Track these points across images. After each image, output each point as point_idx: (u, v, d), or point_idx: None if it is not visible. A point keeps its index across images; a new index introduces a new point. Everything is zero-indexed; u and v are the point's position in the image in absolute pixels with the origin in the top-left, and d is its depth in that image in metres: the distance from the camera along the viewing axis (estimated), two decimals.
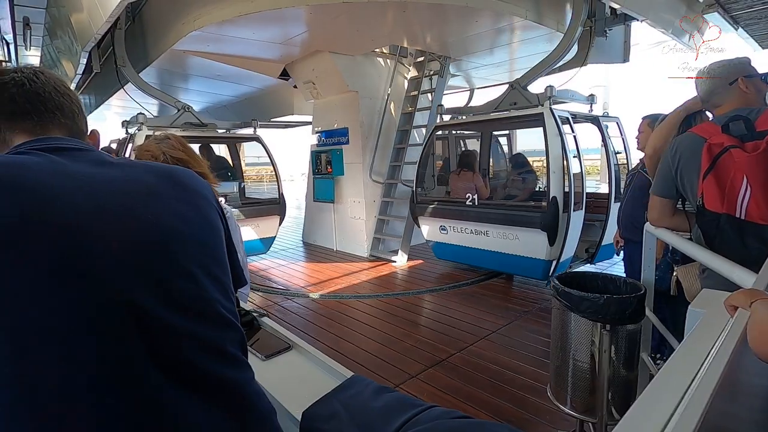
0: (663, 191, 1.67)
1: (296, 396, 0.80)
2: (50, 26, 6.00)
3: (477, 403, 2.37)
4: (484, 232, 4.48)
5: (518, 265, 4.29)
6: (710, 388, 0.51)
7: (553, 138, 3.88)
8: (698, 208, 1.52)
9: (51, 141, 0.67)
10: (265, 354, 0.96)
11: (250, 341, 1.05)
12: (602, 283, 1.97)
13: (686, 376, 0.60)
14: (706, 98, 1.65)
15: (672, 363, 0.70)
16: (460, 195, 4.84)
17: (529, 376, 2.63)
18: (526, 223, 4.08)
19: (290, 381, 0.86)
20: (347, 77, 5.50)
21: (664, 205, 1.68)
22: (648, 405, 0.56)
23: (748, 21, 5.53)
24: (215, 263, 0.69)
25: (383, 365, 2.87)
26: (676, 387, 0.59)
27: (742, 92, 1.55)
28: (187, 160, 1.47)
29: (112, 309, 0.54)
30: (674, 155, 1.59)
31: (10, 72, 0.70)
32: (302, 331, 3.51)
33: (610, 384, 1.71)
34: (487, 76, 7.26)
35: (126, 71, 4.95)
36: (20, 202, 0.52)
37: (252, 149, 6.42)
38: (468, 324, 3.54)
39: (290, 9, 3.84)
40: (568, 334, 1.81)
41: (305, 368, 0.91)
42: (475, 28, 4.62)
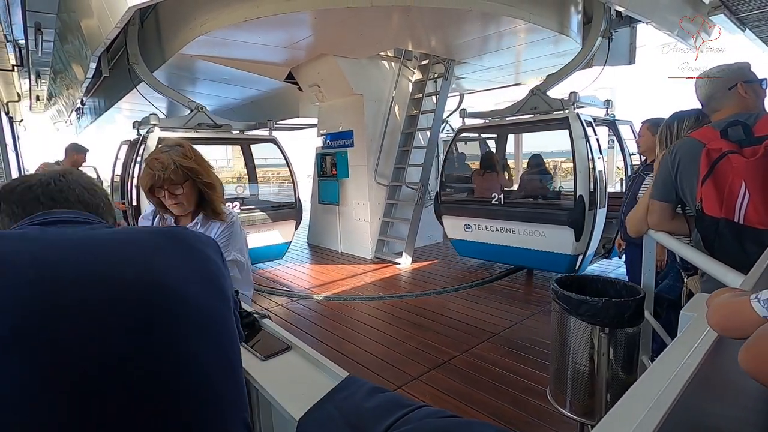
0: (662, 195, 1.67)
1: (293, 395, 0.82)
2: (61, 31, 6.10)
3: (478, 406, 2.39)
4: (509, 229, 4.68)
5: (544, 260, 4.47)
6: (680, 385, 0.53)
7: (579, 140, 4.10)
8: (697, 213, 1.53)
9: (50, 216, 0.70)
10: (265, 354, 0.99)
11: (251, 342, 1.08)
12: (601, 286, 1.98)
13: (667, 375, 0.62)
14: (705, 102, 1.66)
15: (657, 364, 0.72)
16: (485, 195, 5.05)
17: (531, 378, 2.64)
18: (552, 221, 4.29)
19: (288, 381, 0.89)
20: (352, 80, 5.54)
21: (664, 210, 1.69)
22: (627, 405, 0.58)
23: (756, 23, 5.50)
24: (215, 333, 0.66)
25: (385, 367, 2.89)
26: (655, 386, 0.61)
27: (741, 97, 1.55)
28: (198, 170, 1.50)
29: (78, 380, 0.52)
30: (674, 160, 1.59)
31: (38, 176, 0.76)
32: (306, 333, 3.54)
33: (609, 387, 1.72)
34: (492, 79, 7.27)
35: (139, 69, 4.88)
36: None
37: (258, 150, 6.38)
38: (471, 326, 3.56)
39: (295, 14, 3.89)
40: (567, 337, 1.83)
41: (303, 368, 0.94)
42: (479, 31, 4.64)
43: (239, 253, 1.63)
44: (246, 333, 1.15)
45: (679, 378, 0.55)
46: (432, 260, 5.81)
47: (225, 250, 1.57)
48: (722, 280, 1.13)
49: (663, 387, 0.56)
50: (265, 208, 5.41)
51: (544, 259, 4.46)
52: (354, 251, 6.23)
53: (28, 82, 9.03)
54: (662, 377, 0.61)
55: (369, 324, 3.70)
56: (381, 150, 5.90)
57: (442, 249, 6.54)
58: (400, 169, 5.95)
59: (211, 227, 1.59)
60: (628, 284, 1.90)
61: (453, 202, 5.40)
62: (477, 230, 4.98)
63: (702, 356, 0.65)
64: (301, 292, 4.62)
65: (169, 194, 1.48)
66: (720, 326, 0.69)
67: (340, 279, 5.07)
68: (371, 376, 2.76)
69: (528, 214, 4.55)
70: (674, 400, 0.50)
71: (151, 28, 5.27)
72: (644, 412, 0.51)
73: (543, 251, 4.42)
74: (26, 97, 10.49)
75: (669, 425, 0.50)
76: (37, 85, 9.46)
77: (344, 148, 6.10)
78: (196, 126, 4.86)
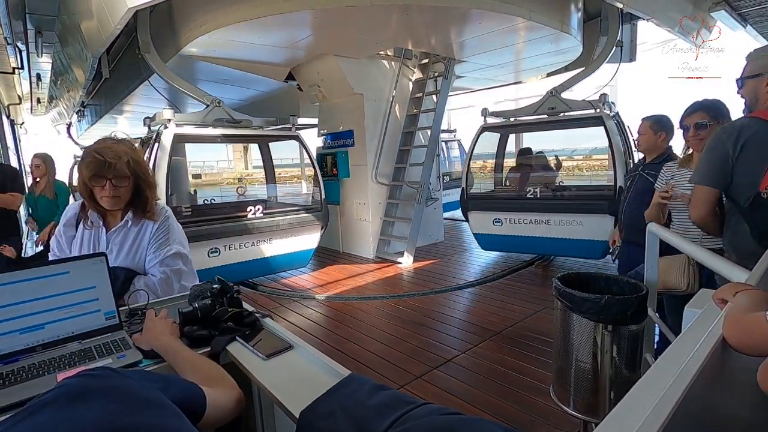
0: (714, 180, 1.56)
1: (295, 394, 0.82)
2: (61, 33, 6.11)
3: (481, 405, 2.38)
4: (545, 221, 4.92)
5: (579, 247, 4.77)
6: (687, 380, 0.52)
7: (615, 136, 4.54)
8: (758, 202, 1.43)
9: None
10: (267, 353, 0.99)
11: (253, 341, 1.07)
12: (605, 283, 1.97)
13: (672, 372, 0.61)
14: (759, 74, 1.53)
15: (661, 361, 0.71)
16: (520, 189, 5.33)
17: (534, 376, 2.63)
18: (592, 210, 4.61)
19: (290, 379, 0.89)
20: (352, 80, 5.54)
21: (713, 197, 1.60)
22: (632, 403, 0.57)
23: (757, 18, 5.48)
24: None
25: (387, 366, 2.88)
26: (660, 383, 0.60)
27: None
28: (145, 167, 1.52)
29: None
30: (736, 141, 1.48)
31: None
32: (308, 332, 3.54)
33: (612, 384, 1.71)
34: (492, 77, 7.26)
35: (150, 58, 4.48)
36: None
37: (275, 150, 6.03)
38: (473, 324, 3.55)
39: (295, 13, 3.88)
40: (570, 334, 1.82)
41: (305, 367, 0.93)
42: (479, 30, 4.63)
43: (180, 245, 1.61)
44: (247, 332, 1.15)
45: (684, 374, 0.54)
46: (434, 259, 5.81)
47: (165, 245, 1.56)
48: (728, 276, 1.12)
49: (668, 384, 0.56)
50: (290, 212, 5.02)
51: (580, 247, 4.75)
52: (355, 251, 6.23)
53: (28, 84, 9.06)
54: (667, 374, 0.60)
55: (371, 323, 3.70)
56: (381, 149, 5.89)
57: (443, 248, 6.53)
58: (400, 169, 5.95)
59: (144, 225, 1.57)
60: (630, 281, 1.89)
61: (482, 198, 5.56)
62: (508, 224, 5.15)
63: (707, 352, 0.64)
64: (303, 292, 4.62)
65: (111, 186, 1.44)
66: (739, 344, 0.68)
67: (342, 279, 5.06)
68: (373, 375, 2.76)
69: (567, 205, 4.84)
70: (680, 396, 0.50)
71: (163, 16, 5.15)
72: (649, 410, 0.50)
73: (579, 239, 4.71)
74: (27, 99, 10.52)
75: (675, 422, 0.49)
76: (38, 88, 9.48)
77: (345, 148, 6.10)
78: (213, 122, 4.51)
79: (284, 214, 4.93)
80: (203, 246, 4.31)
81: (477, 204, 5.38)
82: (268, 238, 4.79)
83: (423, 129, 5.95)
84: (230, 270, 4.45)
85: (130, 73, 6.52)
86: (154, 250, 1.56)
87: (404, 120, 6.07)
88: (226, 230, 4.49)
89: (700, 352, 0.61)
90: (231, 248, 4.55)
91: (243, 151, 13.20)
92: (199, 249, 4.22)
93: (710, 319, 0.83)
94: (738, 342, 0.67)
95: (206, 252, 4.37)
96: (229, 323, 1.12)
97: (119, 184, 1.46)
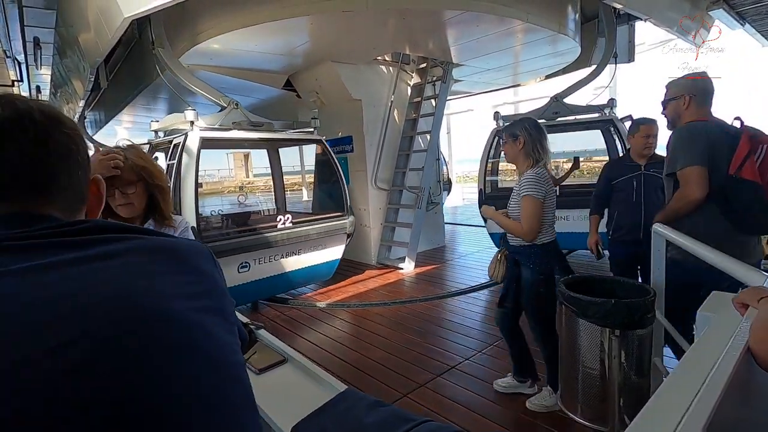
0: (705, 160, 1.79)
1: (287, 411, 0.78)
2: (59, 46, 6.13)
3: (488, 413, 2.32)
4: (563, 217, 5.03)
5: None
6: (717, 392, 0.48)
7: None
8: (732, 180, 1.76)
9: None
10: (259, 368, 0.95)
11: (246, 355, 1.03)
12: (610, 286, 1.92)
13: (695, 381, 0.57)
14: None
15: (679, 369, 0.67)
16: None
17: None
18: None
19: (282, 395, 0.84)
20: (350, 86, 5.52)
21: (706, 174, 1.80)
22: (655, 413, 0.54)
23: (755, 17, 5.46)
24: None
25: (390, 374, 2.83)
26: (683, 394, 0.56)
27: None
28: (151, 171, 1.46)
29: None
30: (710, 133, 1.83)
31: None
32: (308, 341, 3.49)
33: (621, 391, 1.66)
34: (491, 81, 7.25)
35: (164, 54, 4.13)
36: None
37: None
38: (476, 330, 3.50)
39: (292, 20, 3.87)
40: (576, 340, 1.77)
41: (299, 382, 0.89)
42: (476, 33, 4.62)
43: None
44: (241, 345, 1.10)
45: (712, 387, 0.50)
46: (436, 264, 5.76)
47: None
48: (742, 280, 1.07)
49: (693, 397, 0.51)
50: (319, 220, 4.64)
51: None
52: (356, 257, 6.17)
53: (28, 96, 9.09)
54: (691, 386, 0.56)
55: (373, 331, 3.64)
56: (381, 154, 5.86)
57: (445, 252, 6.48)
58: (400, 173, 5.91)
59: (168, 233, 1.54)
60: (637, 284, 1.85)
61: (501, 198, 5.55)
62: None
63: (735, 361, 0.60)
64: (303, 300, 4.57)
65: (120, 194, 1.42)
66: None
67: (343, 285, 5.01)
68: (375, 384, 2.70)
69: (584, 200, 5.04)
70: (711, 411, 0.45)
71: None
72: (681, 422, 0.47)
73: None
74: None
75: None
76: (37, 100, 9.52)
77: (344, 154, 6.07)
78: (232, 124, 4.16)
79: (314, 223, 4.58)
80: (233, 261, 3.91)
81: (496, 204, 5.41)
82: (298, 249, 4.42)
83: (422, 133, 5.92)
84: (260, 286, 4.18)
85: (129, 83, 6.54)
86: None
87: (403, 125, 6.05)
88: (257, 243, 4.08)
89: (725, 363, 0.56)
90: (261, 262, 4.16)
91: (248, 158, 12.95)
92: (229, 265, 3.87)
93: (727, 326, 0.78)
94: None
95: (236, 268, 3.98)
96: None
97: (127, 191, 1.43)
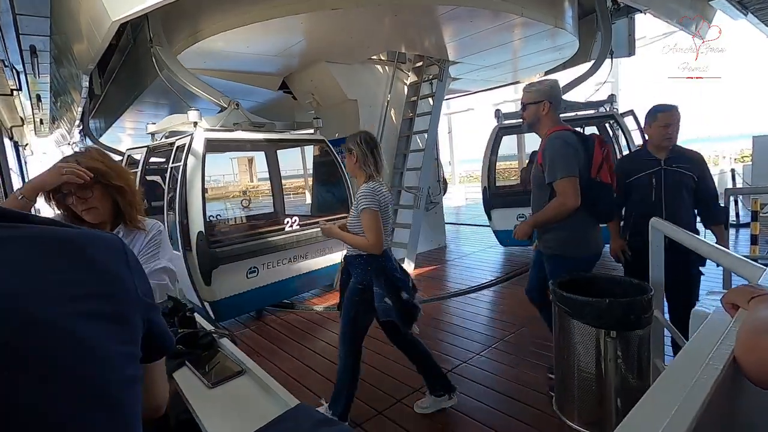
0: (576, 170, 2.00)
1: (234, 427, 0.71)
2: (56, 54, 6.13)
3: (482, 418, 2.24)
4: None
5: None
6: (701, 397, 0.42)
7: (633, 132, 5.43)
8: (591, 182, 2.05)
9: None
10: (213, 381, 0.88)
11: (204, 366, 0.97)
12: (607, 285, 1.84)
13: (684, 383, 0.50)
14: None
15: (670, 370, 0.60)
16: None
17: (539, 387, 2.48)
18: None
19: (232, 411, 0.78)
20: (345, 86, 5.47)
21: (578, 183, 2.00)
22: (644, 414, 0.49)
23: (758, 6, 5.33)
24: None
25: (384, 379, 2.75)
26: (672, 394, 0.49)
27: None
28: (106, 172, 1.39)
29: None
30: (575, 144, 2.07)
31: None
32: (304, 346, 3.42)
33: (618, 394, 1.57)
34: (489, 78, 7.16)
35: (162, 52, 4.00)
36: None
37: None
38: (474, 332, 3.41)
39: (285, 19, 3.82)
40: (571, 342, 1.68)
41: (251, 396, 0.83)
42: (471, 28, 4.54)
43: (169, 261, 1.52)
44: (204, 354, 1.04)
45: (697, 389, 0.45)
46: (435, 265, 5.67)
47: (154, 258, 1.47)
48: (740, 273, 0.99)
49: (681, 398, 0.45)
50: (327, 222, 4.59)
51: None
52: None
53: (29, 105, 9.13)
54: (678, 386, 0.49)
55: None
56: None
57: (446, 253, 6.39)
58: (398, 174, 5.84)
59: (136, 238, 1.49)
60: (635, 282, 1.76)
61: (506, 195, 5.88)
62: None
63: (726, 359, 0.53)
64: (300, 305, 4.50)
65: (78, 199, 1.36)
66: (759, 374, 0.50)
67: None
68: (368, 389, 2.63)
69: None
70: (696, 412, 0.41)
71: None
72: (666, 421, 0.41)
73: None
74: (30, 121, 10.61)
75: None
76: (38, 109, 9.55)
77: (341, 155, 6.01)
78: (234, 125, 4.04)
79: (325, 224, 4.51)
80: (242, 266, 3.82)
81: (501, 201, 5.71)
82: (305, 252, 4.30)
83: (419, 132, 5.85)
84: (269, 291, 4.06)
85: (127, 87, 6.54)
86: (143, 263, 1.47)
87: (400, 125, 5.98)
88: (265, 247, 3.98)
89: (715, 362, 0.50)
90: (269, 266, 4.04)
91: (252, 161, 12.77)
92: (238, 271, 3.80)
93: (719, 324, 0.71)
94: (757, 371, 0.50)
95: (245, 273, 3.88)
96: (180, 346, 1.01)
97: (84, 195, 1.38)
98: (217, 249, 3.70)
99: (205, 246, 3.56)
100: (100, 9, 3.45)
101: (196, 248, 3.52)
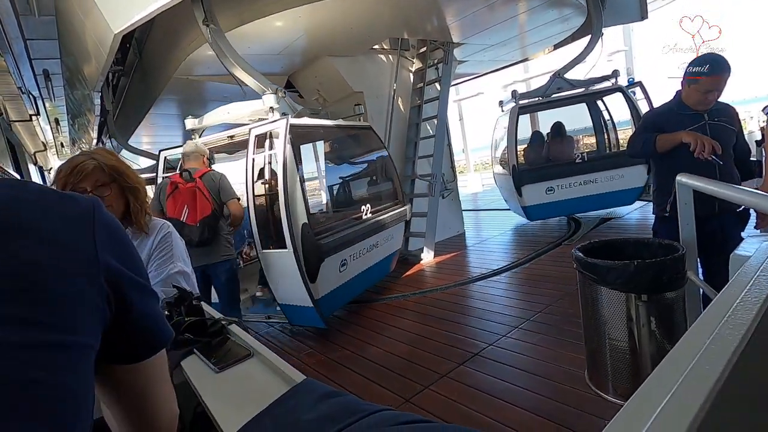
0: None
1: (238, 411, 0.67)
2: (68, 77, 6.29)
3: (511, 399, 2.17)
4: (592, 180, 5.68)
5: (619, 198, 5.66)
6: (732, 346, 0.35)
7: (640, 101, 5.65)
8: None
9: None
10: (221, 365, 0.85)
11: (214, 352, 0.94)
12: (634, 249, 1.74)
13: (707, 334, 0.43)
14: None
15: (697, 326, 0.53)
16: (561, 158, 6.03)
17: (569, 363, 2.39)
18: (630, 163, 5.35)
19: (239, 393, 0.75)
20: (350, 79, 5.41)
21: None
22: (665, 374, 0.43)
23: None
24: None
25: (411, 367, 2.70)
26: (694, 349, 0.43)
27: None
28: (124, 171, 1.38)
29: None
30: None
31: None
32: (326, 339, 3.41)
33: (654, 362, 1.48)
34: (496, 58, 6.99)
35: (213, 32, 3.53)
36: None
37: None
38: (500, 314, 3.33)
39: (282, 14, 3.79)
40: (599, 310, 1.60)
41: (259, 377, 0.80)
42: (473, 4, 4.42)
43: (183, 262, 1.49)
44: (214, 342, 1.01)
45: (720, 340, 0.38)
46: (455, 251, 5.59)
47: (168, 262, 1.44)
48: None
49: (703, 347, 0.38)
50: (388, 208, 4.35)
51: (618, 198, 5.65)
52: None
53: (49, 129, 9.42)
54: (700, 342, 0.43)
55: (393, 324, 3.53)
56: (388, 144, 5.72)
57: (465, 239, 6.29)
58: (410, 162, 5.77)
59: (144, 240, 1.47)
60: (664, 242, 1.65)
61: (534, 170, 5.98)
62: (559, 190, 5.77)
63: (759, 307, 0.46)
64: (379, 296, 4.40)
65: (94, 196, 1.35)
66: None
67: None
68: (395, 378, 2.59)
69: (611, 162, 5.70)
70: (722, 370, 0.34)
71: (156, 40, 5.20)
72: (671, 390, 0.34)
73: (620, 190, 5.60)
74: (51, 146, 10.96)
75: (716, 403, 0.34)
76: (58, 133, 9.85)
77: None
78: (309, 111, 3.77)
79: (385, 212, 4.28)
80: (335, 260, 3.52)
81: (531, 177, 5.86)
82: (376, 241, 4.10)
83: (429, 119, 5.76)
84: (356, 283, 3.85)
85: (138, 104, 6.66)
86: (156, 267, 1.46)
87: (408, 113, 5.90)
88: (354, 236, 3.74)
89: (742, 310, 0.43)
90: (354, 258, 3.80)
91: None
92: (333, 264, 3.52)
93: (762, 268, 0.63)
94: None
95: (338, 266, 3.60)
96: (187, 334, 0.99)
97: (102, 193, 1.35)
98: (322, 242, 3.35)
99: (312, 238, 3.22)
100: (103, 24, 3.49)
101: (303, 241, 3.14)
